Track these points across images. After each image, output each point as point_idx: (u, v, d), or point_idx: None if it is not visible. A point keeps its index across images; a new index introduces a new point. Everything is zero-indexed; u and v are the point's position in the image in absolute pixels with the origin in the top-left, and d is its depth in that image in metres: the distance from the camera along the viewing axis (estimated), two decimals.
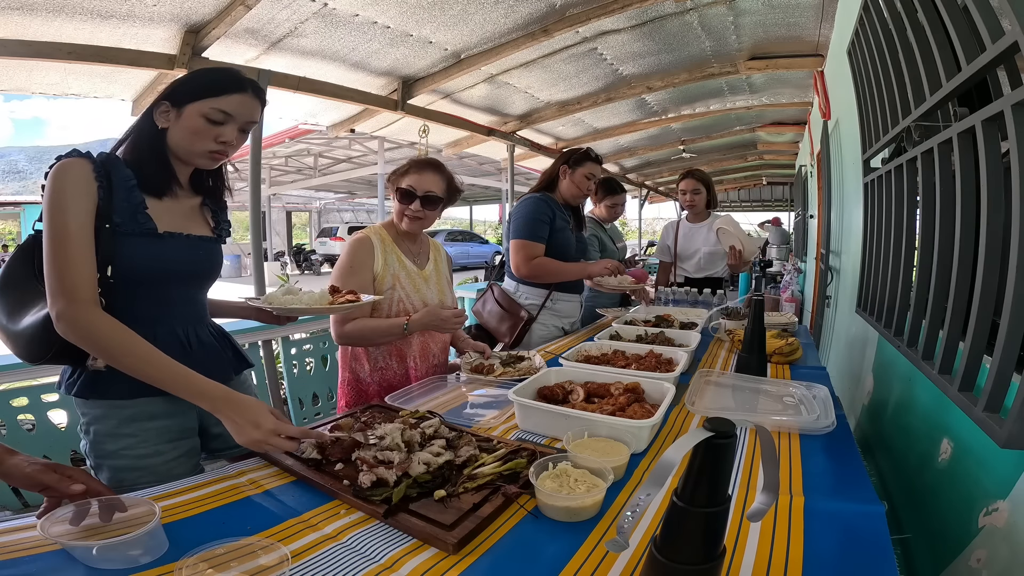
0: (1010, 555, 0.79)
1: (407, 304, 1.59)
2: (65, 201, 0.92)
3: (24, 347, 0.99)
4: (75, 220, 0.92)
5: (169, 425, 1.06)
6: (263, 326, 2.54)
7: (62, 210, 0.91)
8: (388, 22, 2.45)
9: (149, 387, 1.01)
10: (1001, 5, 0.73)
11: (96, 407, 1.02)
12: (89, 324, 0.91)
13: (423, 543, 0.73)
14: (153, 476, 1.01)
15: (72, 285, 0.90)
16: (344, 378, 1.64)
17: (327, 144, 10.19)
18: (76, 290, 0.90)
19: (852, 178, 2.41)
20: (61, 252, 0.91)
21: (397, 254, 1.61)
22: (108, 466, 1.02)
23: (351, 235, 1.64)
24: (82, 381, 1.00)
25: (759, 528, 0.75)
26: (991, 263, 0.83)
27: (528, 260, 2.14)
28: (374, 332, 1.54)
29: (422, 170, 1.58)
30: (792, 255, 4.79)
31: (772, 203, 14.19)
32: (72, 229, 0.91)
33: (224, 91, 1.02)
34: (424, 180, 1.56)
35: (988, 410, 0.79)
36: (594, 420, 1.02)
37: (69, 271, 0.90)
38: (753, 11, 2.69)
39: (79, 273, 0.91)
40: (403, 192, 1.56)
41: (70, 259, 0.91)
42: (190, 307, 1.12)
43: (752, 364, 1.47)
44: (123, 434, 1.02)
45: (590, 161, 2.26)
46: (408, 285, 1.61)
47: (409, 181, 1.56)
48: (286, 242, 20.39)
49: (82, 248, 0.92)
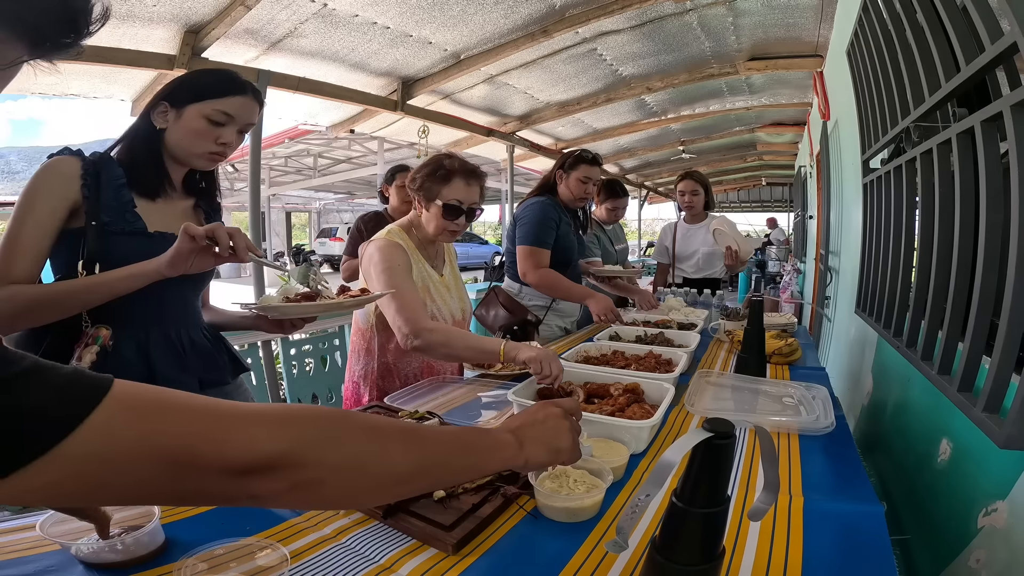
0: (1009, 556, 0.79)
1: (440, 319, 1.48)
2: (33, 199, 0.94)
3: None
4: (32, 218, 0.93)
5: None
6: None
7: (27, 207, 0.93)
8: (388, 22, 2.45)
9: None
10: (1000, 6, 0.73)
11: None
12: (3, 296, 0.90)
13: (422, 544, 0.72)
14: None
15: (2, 274, 0.91)
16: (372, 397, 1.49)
17: (327, 144, 10.18)
18: (5, 278, 0.91)
19: (851, 179, 2.41)
20: (8, 244, 0.92)
21: (422, 262, 1.50)
22: None
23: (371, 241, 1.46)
24: None
25: (758, 528, 0.75)
26: (990, 263, 0.83)
27: (536, 268, 2.14)
28: (466, 343, 1.36)
29: (470, 181, 1.43)
30: (791, 256, 4.79)
31: (771, 204, 14.20)
32: (28, 224, 0.93)
33: (226, 93, 1.03)
34: (472, 192, 1.43)
35: (987, 410, 0.79)
36: (594, 420, 1.02)
37: (7, 262, 0.91)
38: (753, 12, 2.69)
39: (15, 264, 0.92)
40: (449, 208, 1.41)
41: (13, 251, 0.92)
42: (183, 309, 1.11)
43: (751, 365, 1.47)
44: None
45: (584, 164, 2.24)
46: (437, 297, 1.51)
47: (456, 195, 1.41)
48: (285, 243, 20.36)
49: (29, 243, 0.93)
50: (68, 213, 0.96)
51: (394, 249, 1.42)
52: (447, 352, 1.37)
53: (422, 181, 1.44)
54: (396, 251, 1.42)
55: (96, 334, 0.96)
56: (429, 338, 1.31)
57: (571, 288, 2.19)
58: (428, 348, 1.33)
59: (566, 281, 2.18)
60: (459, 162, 1.46)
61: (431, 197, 1.43)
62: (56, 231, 0.95)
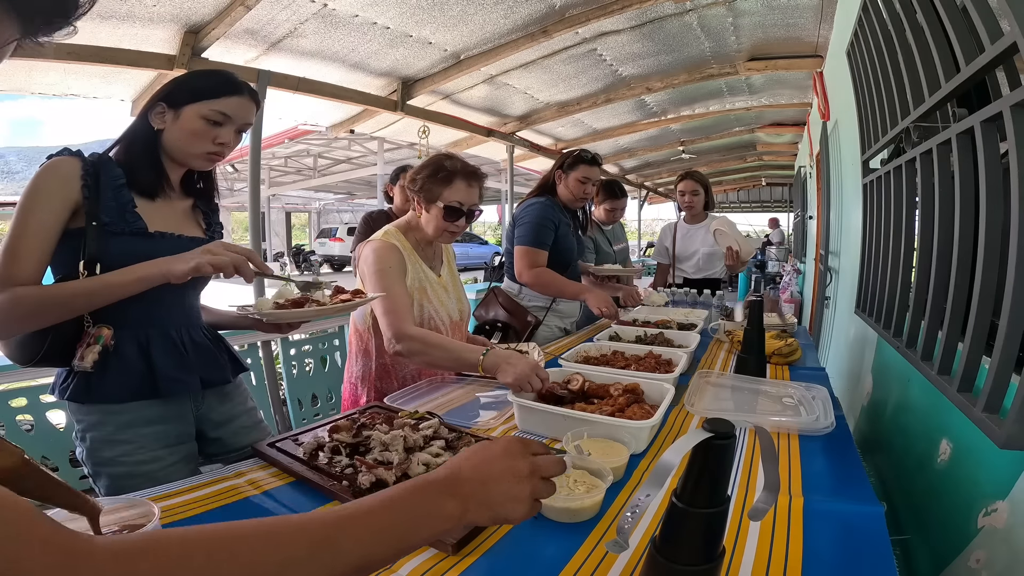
0: (1009, 556, 0.79)
1: (437, 320, 1.48)
2: (35, 200, 0.93)
3: (15, 349, 0.99)
4: (36, 218, 0.93)
5: (166, 430, 1.06)
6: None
7: (26, 208, 0.92)
8: (388, 23, 2.45)
9: (143, 389, 1.01)
10: (1000, 6, 0.73)
11: (91, 413, 1.00)
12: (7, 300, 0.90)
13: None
14: (152, 483, 0.99)
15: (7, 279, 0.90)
16: (370, 398, 1.48)
17: (326, 145, 10.19)
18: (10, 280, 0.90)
19: (851, 179, 2.41)
20: (10, 247, 0.91)
21: (419, 263, 1.49)
22: (106, 473, 1.01)
23: (368, 242, 1.46)
24: (75, 385, 0.99)
25: (758, 528, 0.75)
26: (990, 263, 0.83)
27: (531, 267, 2.14)
28: (442, 348, 1.34)
29: (471, 182, 1.43)
30: (791, 256, 4.80)
31: (771, 204, 14.21)
32: (30, 226, 0.92)
33: (223, 93, 1.03)
34: (473, 194, 1.43)
35: (987, 411, 0.79)
36: (594, 420, 1.02)
37: (10, 265, 0.91)
38: (752, 12, 2.69)
39: (19, 268, 0.91)
40: (450, 210, 1.41)
41: (16, 254, 0.91)
42: (183, 309, 1.12)
43: (751, 365, 1.47)
44: (120, 440, 1.01)
45: (583, 164, 2.24)
46: (434, 298, 1.49)
47: (457, 196, 1.41)
48: (285, 243, 20.38)
49: (33, 247, 0.92)
50: (69, 214, 0.95)
51: (388, 251, 1.42)
52: (426, 360, 1.37)
53: (423, 182, 1.43)
54: (390, 253, 1.42)
55: (98, 333, 0.96)
56: (409, 345, 1.32)
57: (566, 285, 2.19)
58: (408, 354, 1.34)
59: (561, 279, 2.18)
60: (460, 163, 1.45)
61: (432, 199, 1.43)
62: (59, 232, 0.95)
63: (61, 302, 0.92)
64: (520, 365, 1.23)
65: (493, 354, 1.29)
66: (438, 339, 1.38)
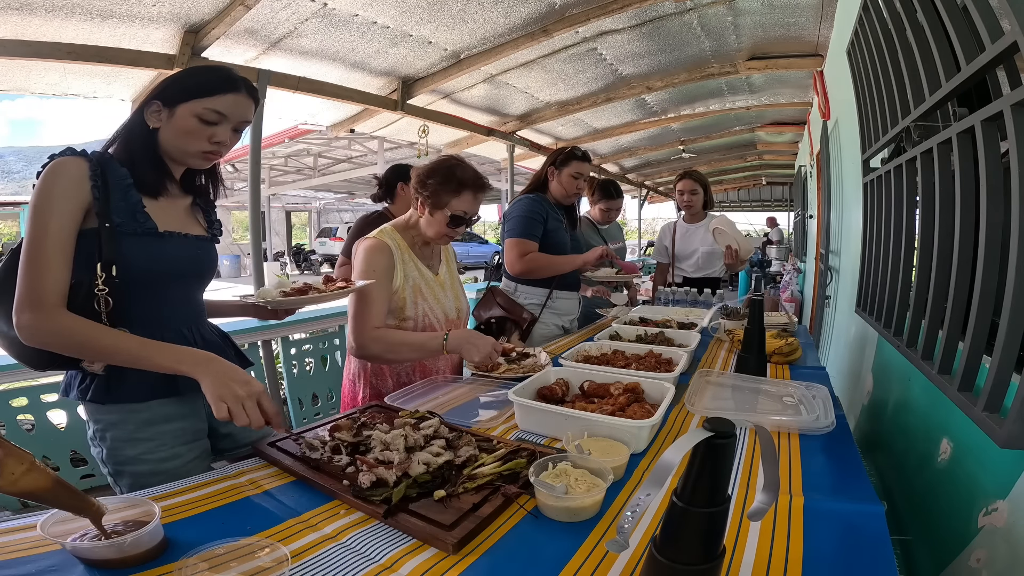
0: (1010, 555, 0.79)
1: (432, 318, 1.49)
2: (50, 203, 0.90)
3: (27, 353, 0.99)
4: (56, 222, 0.90)
5: (184, 427, 1.06)
6: (262, 326, 2.55)
7: (45, 211, 0.90)
8: (388, 22, 2.45)
9: (162, 387, 1.01)
10: (1000, 5, 0.73)
11: (111, 412, 1.00)
12: (50, 330, 0.89)
13: (423, 543, 0.72)
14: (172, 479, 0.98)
15: (40, 294, 0.89)
16: (366, 395, 1.49)
17: (327, 144, 10.17)
18: (43, 298, 0.89)
19: (851, 178, 2.41)
20: (35, 255, 0.89)
21: (415, 261, 1.50)
22: (129, 472, 1.01)
23: (364, 239, 1.48)
24: (95, 387, 0.98)
25: (759, 528, 0.75)
26: (990, 263, 0.83)
27: (521, 257, 2.15)
28: (405, 345, 1.38)
29: (478, 194, 1.46)
30: (791, 255, 4.80)
31: (772, 203, 14.21)
32: (51, 231, 0.90)
33: (217, 91, 1.00)
34: (478, 204, 1.47)
35: (987, 410, 0.79)
36: (594, 420, 1.02)
37: (40, 277, 0.89)
38: (753, 11, 2.69)
39: (49, 279, 0.89)
40: (455, 218, 1.44)
41: (42, 263, 0.89)
42: (190, 307, 1.12)
43: (751, 364, 1.47)
44: (141, 439, 1.01)
45: (576, 160, 2.26)
46: (430, 296, 1.50)
47: (464, 206, 1.44)
48: (286, 242, 20.36)
49: (57, 252, 0.90)
50: (83, 215, 0.94)
51: (378, 251, 1.43)
52: (392, 357, 1.43)
53: (434, 188, 1.43)
54: (379, 254, 1.43)
55: None
56: (372, 348, 1.38)
57: (555, 260, 2.19)
58: (374, 357, 1.42)
59: (553, 257, 2.19)
60: (471, 174, 1.46)
61: (439, 205, 1.44)
62: (75, 234, 0.93)
63: (105, 353, 0.92)
64: (482, 345, 1.32)
65: (454, 336, 1.36)
66: (399, 335, 1.42)
